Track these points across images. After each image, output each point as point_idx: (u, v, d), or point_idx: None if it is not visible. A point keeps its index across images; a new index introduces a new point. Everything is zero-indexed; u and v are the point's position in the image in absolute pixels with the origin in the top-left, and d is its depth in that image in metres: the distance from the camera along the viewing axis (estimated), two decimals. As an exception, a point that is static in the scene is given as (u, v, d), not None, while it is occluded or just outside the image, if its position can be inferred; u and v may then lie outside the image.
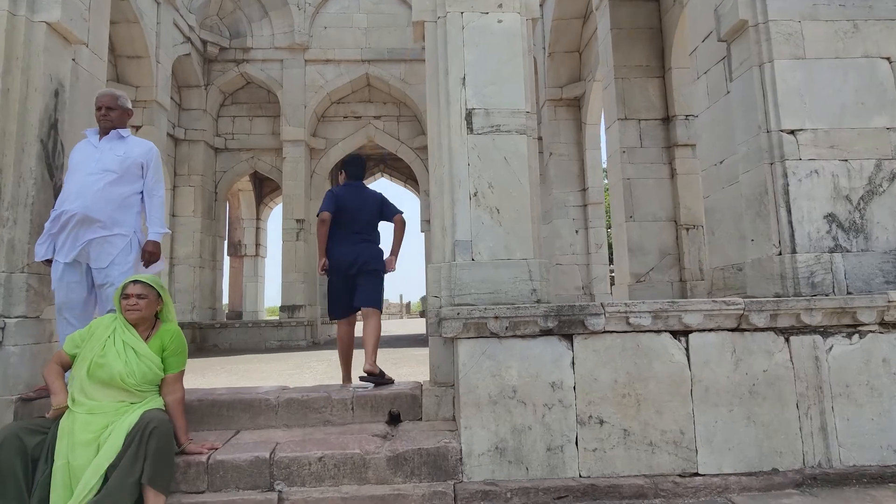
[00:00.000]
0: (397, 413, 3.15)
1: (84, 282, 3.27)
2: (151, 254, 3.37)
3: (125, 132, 3.42)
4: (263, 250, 15.65)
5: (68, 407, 2.48)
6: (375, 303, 3.85)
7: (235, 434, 2.97)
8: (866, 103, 3.41)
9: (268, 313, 20.29)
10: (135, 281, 2.72)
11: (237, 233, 15.13)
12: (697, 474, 2.70)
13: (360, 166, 4.11)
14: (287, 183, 11.23)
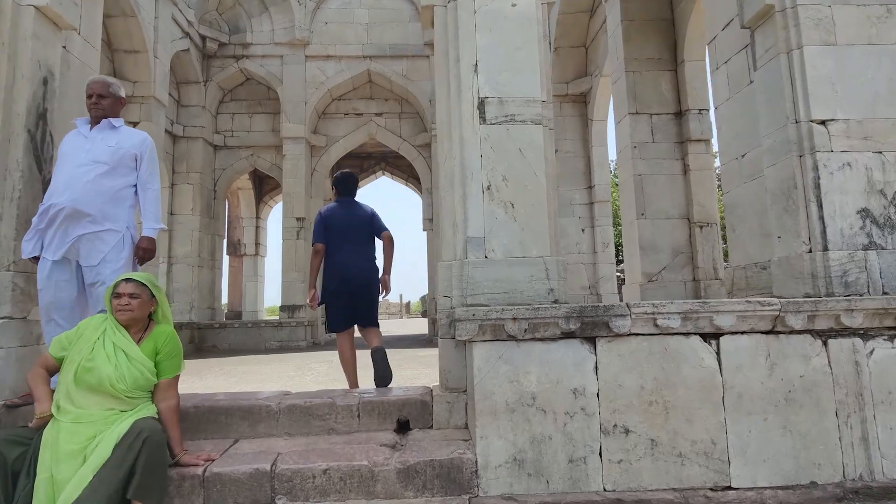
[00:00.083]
0: (406, 420, 2.96)
1: (74, 280, 3.08)
2: (146, 250, 3.18)
3: (118, 122, 3.23)
4: (263, 249, 15.46)
5: (53, 415, 2.29)
6: (375, 321, 3.99)
7: (234, 443, 2.79)
8: (902, 92, 3.22)
9: (267, 313, 20.12)
10: (127, 279, 2.53)
11: (236, 231, 14.94)
12: (730, 488, 2.51)
13: (352, 184, 4.20)
14: (287, 181, 11.04)
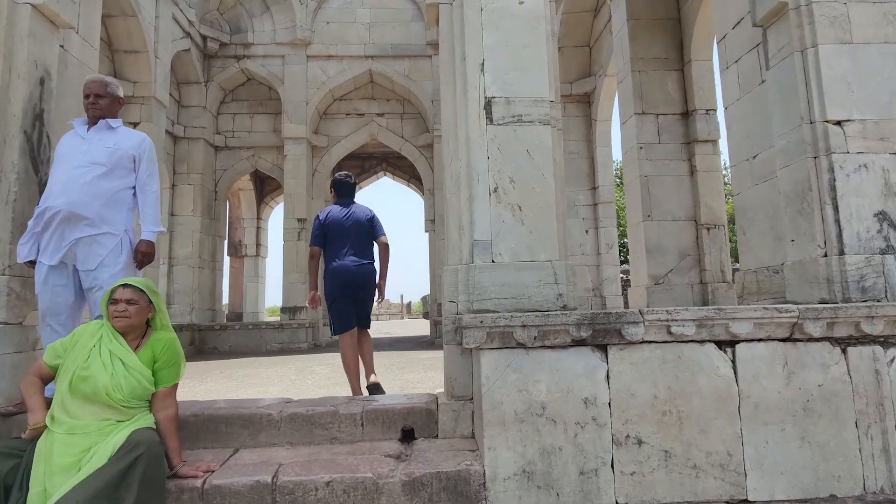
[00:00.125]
0: (411, 429, 2.88)
1: (70, 285, 3.00)
2: (145, 254, 3.10)
3: (116, 122, 3.14)
4: (264, 250, 15.38)
5: (47, 426, 2.22)
6: (369, 322, 4.17)
7: (234, 453, 2.71)
8: (919, 92, 3.14)
9: (268, 313, 20.04)
10: (124, 285, 2.45)
11: (237, 232, 14.87)
12: (747, 501, 2.42)
13: (350, 187, 4.26)
14: (288, 181, 10.97)
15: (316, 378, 5.96)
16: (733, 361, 2.53)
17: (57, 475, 2.09)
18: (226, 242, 12.56)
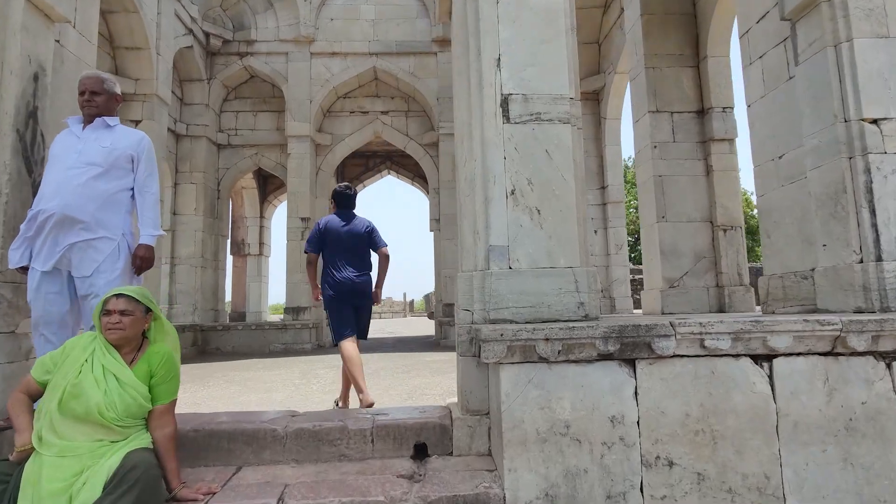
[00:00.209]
0: (424, 445, 2.72)
1: (65, 293, 2.84)
2: (144, 259, 2.93)
3: (112, 120, 2.98)
4: (267, 249, 15.25)
5: (34, 448, 2.06)
6: (366, 334, 4.19)
7: (237, 472, 2.55)
8: (962, 88, 2.96)
9: (271, 311, 19.92)
10: (118, 294, 2.29)
11: (240, 231, 14.74)
12: (786, 527, 2.26)
13: (350, 199, 4.22)
14: (292, 180, 10.82)
15: (321, 382, 5.81)
16: (770, 377, 2.36)
17: (46, 501, 1.93)
18: (229, 241, 12.42)
